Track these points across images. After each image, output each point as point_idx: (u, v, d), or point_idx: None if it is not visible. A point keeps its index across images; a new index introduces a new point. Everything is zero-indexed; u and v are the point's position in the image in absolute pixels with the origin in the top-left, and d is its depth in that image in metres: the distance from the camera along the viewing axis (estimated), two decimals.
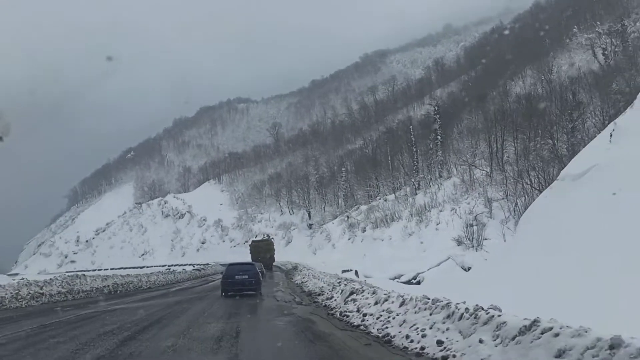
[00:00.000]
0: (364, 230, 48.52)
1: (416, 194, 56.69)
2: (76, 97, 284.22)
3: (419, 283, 27.93)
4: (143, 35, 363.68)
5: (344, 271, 26.84)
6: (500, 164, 49.62)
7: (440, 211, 39.76)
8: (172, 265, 78.87)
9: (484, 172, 50.42)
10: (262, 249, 48.35)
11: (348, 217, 62.81)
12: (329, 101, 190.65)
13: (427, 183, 58.87)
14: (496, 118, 51.58)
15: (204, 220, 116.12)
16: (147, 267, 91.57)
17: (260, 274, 20.22)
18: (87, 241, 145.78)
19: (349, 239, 51.31)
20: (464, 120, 73.78)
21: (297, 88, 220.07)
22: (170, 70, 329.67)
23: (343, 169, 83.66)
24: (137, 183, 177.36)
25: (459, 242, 31.93)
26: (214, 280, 31.66)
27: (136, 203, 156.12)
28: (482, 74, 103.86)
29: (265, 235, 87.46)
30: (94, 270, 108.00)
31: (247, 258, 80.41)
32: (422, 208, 41.29)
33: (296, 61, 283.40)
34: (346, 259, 45.30)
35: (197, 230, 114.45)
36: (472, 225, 35.38)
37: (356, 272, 26.23)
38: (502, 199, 39.16)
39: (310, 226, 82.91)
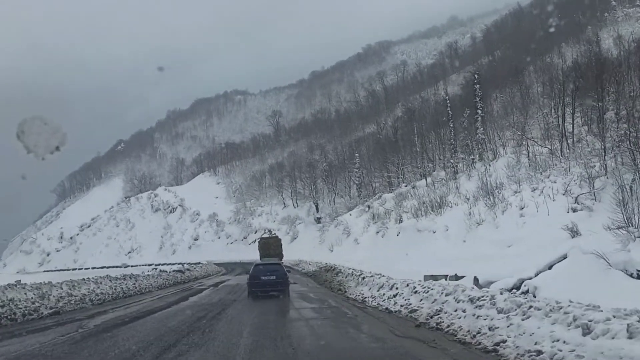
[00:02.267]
0: (399, 221, 37.77)
1: (455, 178, 46.31)
2: (68, 88, 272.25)
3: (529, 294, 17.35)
4: (134, 30, 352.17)
5: (427, 277, 16.16)
6: (571, 137, 39.50)
7: (516, 192, 29.11)
8: (159, 265, 68.62)
9: (546, 148, 40.29)
10: (272, 246, 43.90)
11: (369, 207, 52.26)
12: (331, 92, 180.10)
13: (468, 164, 48.46)
14: (564, 83, 41.05)
15: (197, 214, 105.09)
16: (132, 266, 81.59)
17: (287, 274, 18.37)
18: (71, 238, 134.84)
19: (378, 232, 40.55)
20: (492, 99, 64.25)
21: (296, 80, 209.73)
22: (164, 63, 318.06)
23: (356, 154, 72.97)
24: (126, 176, 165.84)
25: (574, 233, 21.36)
26: (200, 292, 20.53)
27: (125, 197, 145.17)
28: (507, 54, 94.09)
29: (268, 231, 77.23)
30: (74, 269, 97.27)
31: (245, 256, 70.24)
32: (488, 189, 30.59)
33: (294, 55, 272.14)
34: (375, 258, 34.73)
35: (189, 225, 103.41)
36: (575, 210, 24.98)
37: (475, 280, 15.40)
38: (601, 176, 28.72)
39: (318, 220, 72.13)
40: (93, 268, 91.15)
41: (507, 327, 7.11)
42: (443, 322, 9.00)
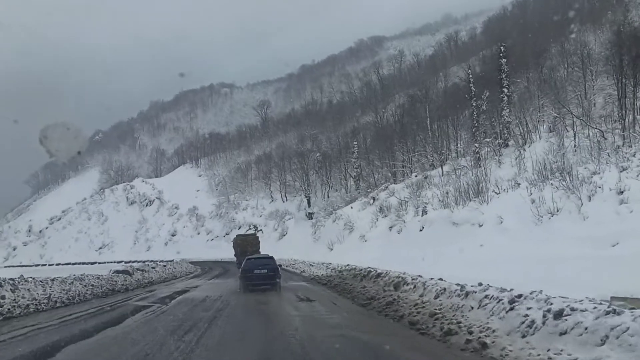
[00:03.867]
0: (422, 213, 29.98)
1: (480, 166, 38.82)
2: (49, 77, 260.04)
3: None
4: (117, 19, 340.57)
5: (617, 300, 8.52)
6: (631, 113, 32.47)
7: (595, 174, 21.56)
8: (130, 262, 60.38)
9: (597, 129, 33.31)
10: (250, 243, 38.17)
11: (374, 198, 44.56)
12: (322, 85, 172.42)
13: (495, 150, 41.08)
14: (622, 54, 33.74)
15: (175, 208, 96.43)
16: (100, 263, 73.08)
17: (279, 269, 18.64)
18: (40, 231, 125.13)
19: (392, 228, 32.72)
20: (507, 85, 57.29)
21: (285, 74, 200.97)
22: (151, 55, 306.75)
23: (355, 142, 65.24)
24: (103, 167, 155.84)
25: None
26: (122, 320, 10.85)
27: (100, 189, 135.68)
28: (516, 43, 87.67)
29: (253, 227, 69.34)
30: (37, 265, 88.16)
31: (226, 254, 61.55)
32: (557, 168, 22.99)
33: (282, 52, 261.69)
34: (392, 258, 26.95)
35: (166, 219, 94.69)
36: None
37: None
38: None
39: (310, 215, 64.15)
40: (58, 264, 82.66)
41: None
42: None
